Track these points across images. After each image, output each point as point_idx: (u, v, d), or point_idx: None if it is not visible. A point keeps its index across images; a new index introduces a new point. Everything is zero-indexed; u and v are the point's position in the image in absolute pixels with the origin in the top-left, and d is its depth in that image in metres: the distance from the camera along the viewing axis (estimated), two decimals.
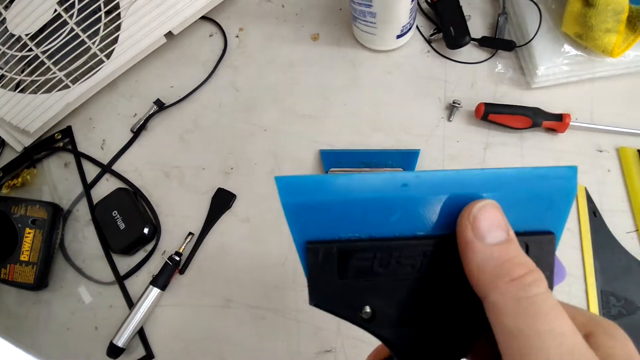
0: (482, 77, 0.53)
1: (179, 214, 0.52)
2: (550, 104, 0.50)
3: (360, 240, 0.18)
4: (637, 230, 0.45)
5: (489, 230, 0.16)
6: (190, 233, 0.50)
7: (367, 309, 0.18)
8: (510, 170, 0.17)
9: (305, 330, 0.46)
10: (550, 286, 0.17)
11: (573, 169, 0.17)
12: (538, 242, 0.17)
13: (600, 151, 0.49)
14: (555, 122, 0.48)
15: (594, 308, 0.43)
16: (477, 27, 0.55)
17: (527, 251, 0.17)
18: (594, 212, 0.46)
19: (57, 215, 0.52)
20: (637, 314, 0.42)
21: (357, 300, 0.18)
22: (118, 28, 0.56)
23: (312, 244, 0.17)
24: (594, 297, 0.43)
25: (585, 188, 0.47)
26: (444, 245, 0.17)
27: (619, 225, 0.45)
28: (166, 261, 0.48)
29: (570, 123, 0.48)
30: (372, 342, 0.20)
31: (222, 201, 0.51)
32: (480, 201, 0.16)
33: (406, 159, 0.49)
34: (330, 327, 0.45)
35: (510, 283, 0.15)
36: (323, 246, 0.17)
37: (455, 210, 0.17)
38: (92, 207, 0.53)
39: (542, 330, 0.14)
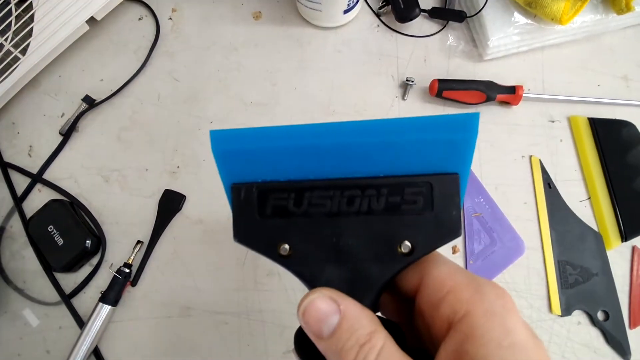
0: (434, 51, 0.51)
1: (124, 222, 0.48)
2: (503, 76, 0.49)
3: (278, 182, 0.19)
4: (589, 198, 0.46)
5: (320, 323, 0.17)
6: (139, 241, 0.46)
7: (285, 246, 0.19)
8: (416, 118, 0.18)
9: (271, 330, 0.44)
10: (458, 232, 0.18)
11: (475, 115, 0.18)
12: (442, 181, 0.18)
13: (553, 121, 0.48)
14: (508, 95, 0.47)
15: (552, 278, 0.44)
16: None
17: (431, 189, 0.18)
18: (548, 184, 0.46)
19: None
20: (592, 281, 0.43)
21: (275, 237, 0.19)
22: (32, 19, 0.49)
23: (236, 184, 0.20)
24: (552, 267, 0.44)
25: (540, 160, 0.47)
26: (350, 188, 0.19)
27: (573, 194, 0.46)
28: (114, 274, 0.44)
29: (523, 95, 0.47)
30: None
31: (170, 203, 0.47)
32: (307, 296, 0.18)
33: None
34: (297, 325, 0.44)
35: None
36: (244, 186, 0.20)
37: (360, 155, 0.19)
38: (26, 223, 0.48)
39: None
